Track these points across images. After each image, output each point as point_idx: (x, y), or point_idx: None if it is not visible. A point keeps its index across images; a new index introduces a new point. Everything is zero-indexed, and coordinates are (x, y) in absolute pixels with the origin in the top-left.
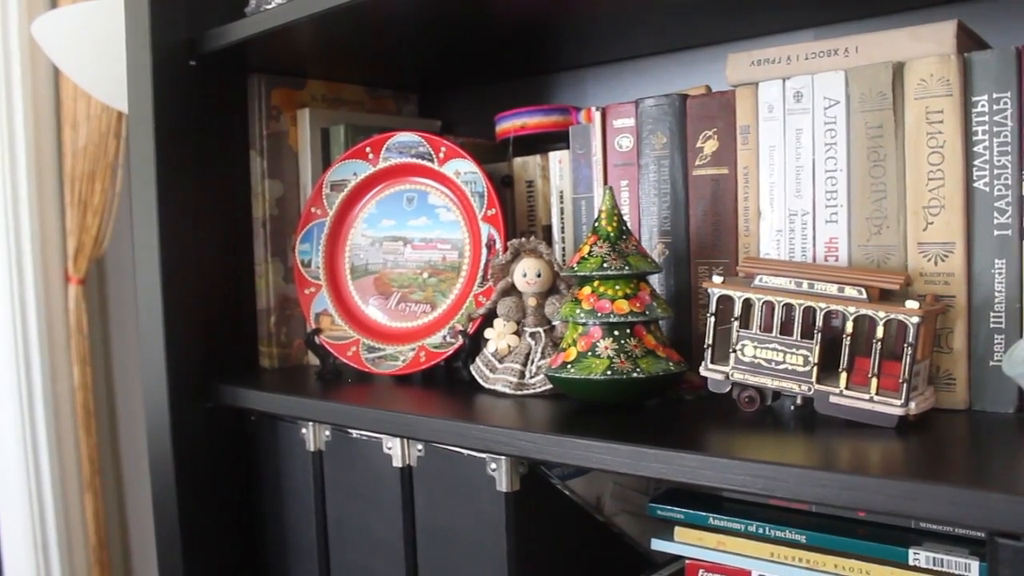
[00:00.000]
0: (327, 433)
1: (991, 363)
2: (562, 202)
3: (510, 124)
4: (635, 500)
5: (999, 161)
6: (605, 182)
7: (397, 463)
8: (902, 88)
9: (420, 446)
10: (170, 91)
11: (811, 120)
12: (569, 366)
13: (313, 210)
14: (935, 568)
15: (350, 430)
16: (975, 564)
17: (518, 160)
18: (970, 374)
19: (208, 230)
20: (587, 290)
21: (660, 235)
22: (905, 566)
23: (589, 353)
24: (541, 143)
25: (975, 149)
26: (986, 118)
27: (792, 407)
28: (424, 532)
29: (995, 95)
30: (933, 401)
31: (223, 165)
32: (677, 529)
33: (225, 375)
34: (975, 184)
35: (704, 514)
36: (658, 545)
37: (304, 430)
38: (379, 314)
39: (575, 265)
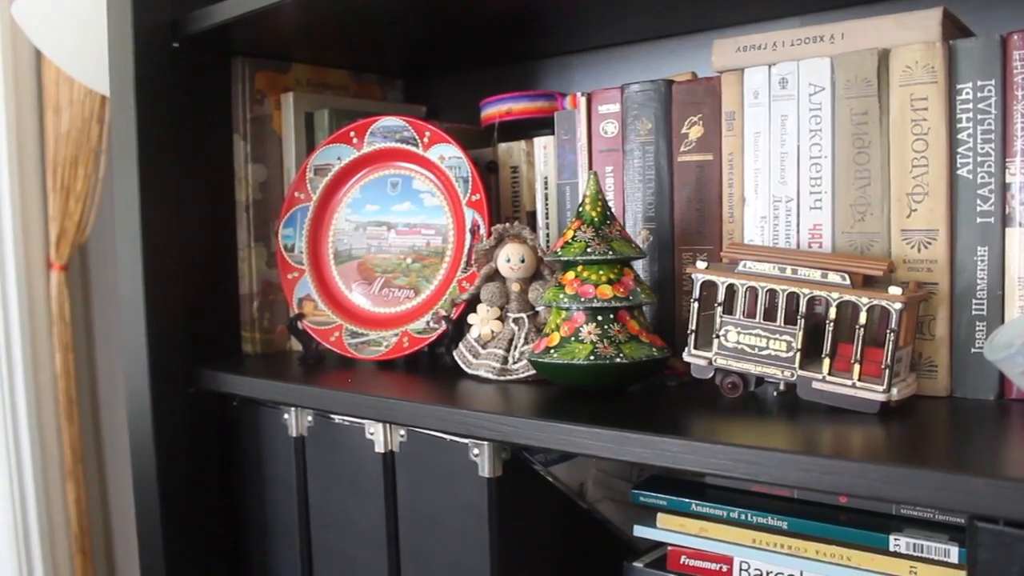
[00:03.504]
0: (309, 418)
1: (973, 350)
2: (547, 188)
3: (495, 109)
4: (618, 487)
5: (982, 149)
6: (590, 168)
7: (379, 448)
8: (887, 75)
9: (402, 431)
10: (152, 74)
11: (796, 106)
12: (552, 351)
13: (296, 195)
14: (915, 554)
15: (332, 415)
16: (954, 549)
17: (503, 146)
18: (952, 361)
19: (190, 214)
20: (571, 275)
21: (644, 221)
22: (886, 552)
23: (572, 338)
24: (526, 129)
25: (959, 136)
26: (970, 106)
27: (775, 393)
28: (406, 517)
29: (979, 83)
30: (915, 387)
31: (206, 149)
32: (659, 515)
33: (207, 360)
34: (958, 171)
35: (687, 500)
36: (640, 531)
37: (286, 415)
38: (362, 299)
39: (559, 250)
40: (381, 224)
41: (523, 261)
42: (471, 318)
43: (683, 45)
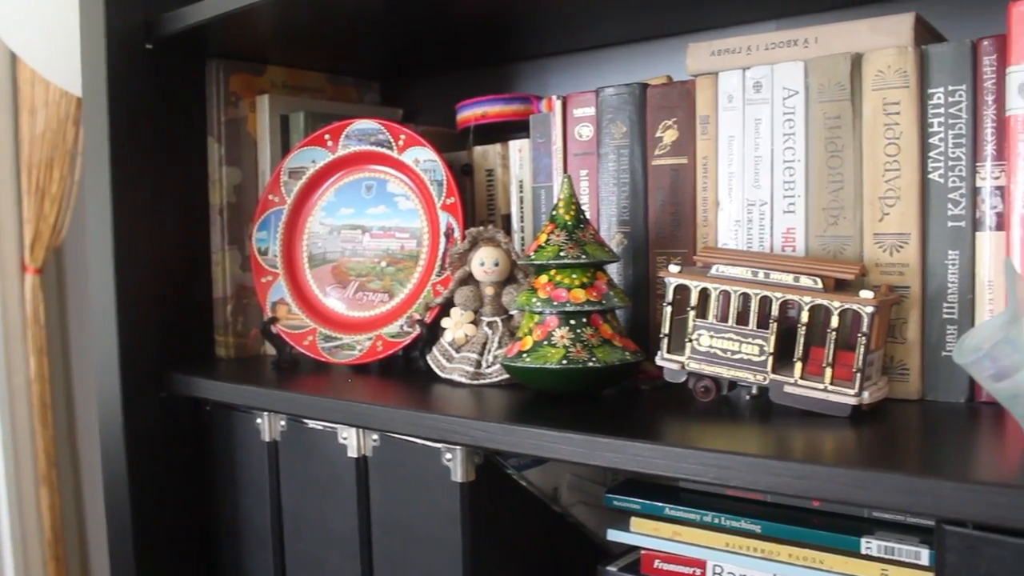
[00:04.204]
0: (282, 423)
1: (943, 353)
2: (521, 191)
3: (471, 113)
4: (592, 491)
5: (953, 153)
6: (565, 171)
7: (352, 453)
8: (860, 79)
9: (375, 436)
10: (125, 75)
11: (770, 110)
12: (525, 355)
13: (271, 197)
14: (886, 556)
15: (305, 420)
16: (925, 552)
17: (478, 149)
18: (923, 364)
19: (164, 217)
20: (544, 279)
21: (619, 225)
22: (857, 555)
23: (545, 342)
24: (502, 132)
25: (930, 141)
26: (942, 110)
27: (748, 397)
28: (379, 523)
29: (950, 87)
30: (887, 391)
31: (179, 151)
32: (633, 519)
33: (180, 365)
34: (930, 175)
35: (660, 504)
36: (614, 535)
37: (259, 420)
38: (336, 303)
39: (532, 254)
40: (355, 227)
41: (497, 265)
42: (445, 322)
43: (660, 49)
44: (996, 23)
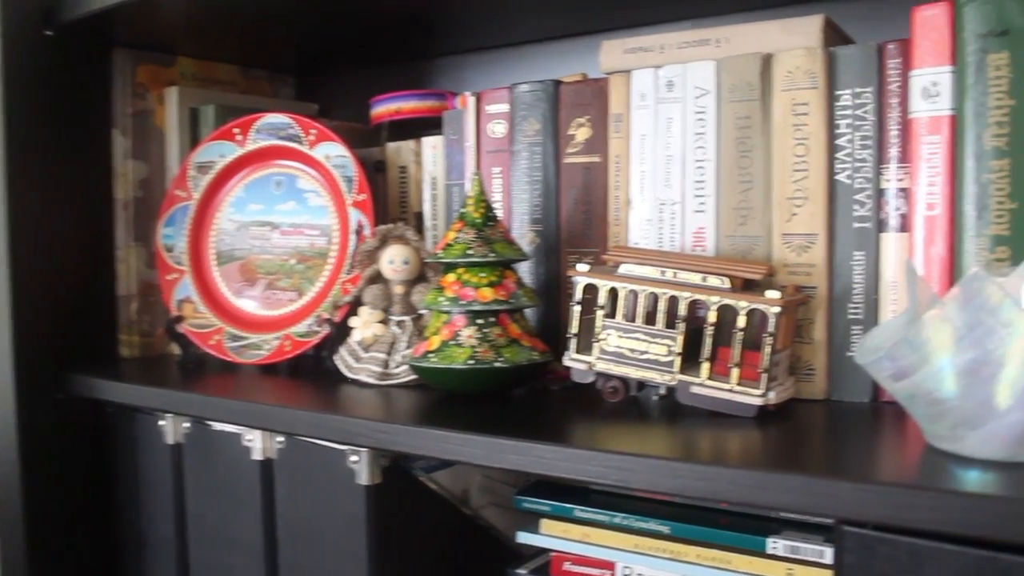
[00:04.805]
0: (186, 425)
1: (848, 353)
2: (434, 188)
3: (385, 108)
4: (503, 492)
5: (860, 155)
6: (478, 169)
7: (257, 456)
8: (770, 80)
9: (280, 438)
10: (22, 63)
11: (682, 110)
12: (431, 355)
13: (177, 192)
14: (791, 556)
15: (210, 422)
16: (828, 551)
17: (391, 145)
18: (829, 364)
19: (64, 212)
20: (451, 277)
21: (531, 223)
22: (764, 554)
23: (451, 342)
24: (418, 129)
25: (838, 142)
26: (849, 112)
27: (656, 397)
28: (284, 527)
29: (857, 90)
30: (793, 391)
31: (82, 144)
32: (543, 521)
33: (79, 365)
34: (837, 177)
35: (570, 506)
36: (524, 538)
37: (162, 422)
38: (244, 302)
39: (440, 252)
40: (265, 224)
41: (407, 263)
42: (353, 321)
43: (578, 47)
44: (902, 27)
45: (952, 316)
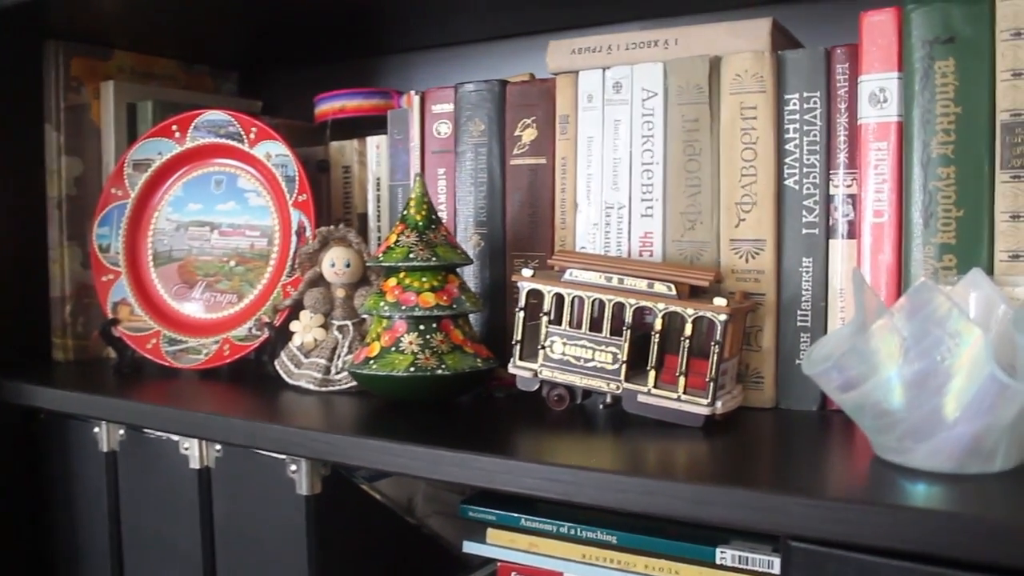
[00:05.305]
0: (121, 432)
1: (797, 361)
2: (379, 189)
3: (329, 106)
4: (449, 501)
5: (808, 160)
6: (423, 169)
7: (195, 464)
8: (718, 82)
9: (218, 447)
10: None
11: (629, 111)
12: (372, 362)
13: (113, 191)
14: (740, 566)
15: (146, 429)
16: (777, 560)
17: (335, 144)
18: (777, 372)
19: None
20: (392, 282)
21: (476, 226)
22: (713, 565)
23: (392, 348)
24: (362, 127)
25: (786, 147)
26: (797, 116)
27: (602, 406)
28: (223, 537)
29: (805, 94)
30: (741, 400)
31: (11, 139)
32: (489, 531)
33: (11, 369)
34: (786, 182)
35: (516, 516)
36: (470, 547)
37: (96, 429)
38: (182, 304)
39: (380, 255)
40: (204, 224)
41: (348, 266)
42: (293, 325)
43: (528, 46)
44: (851, 32)
45: (900, 326)
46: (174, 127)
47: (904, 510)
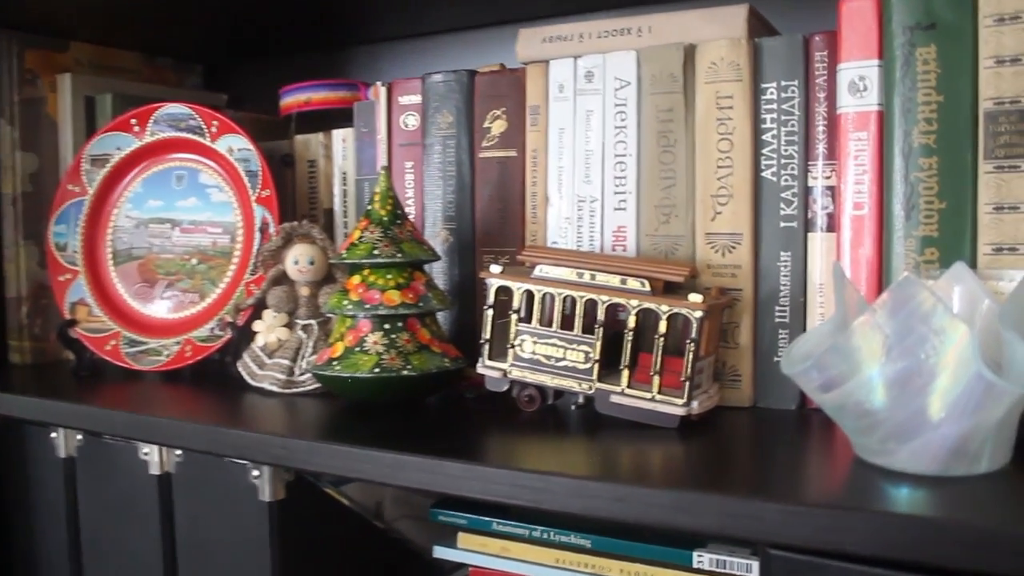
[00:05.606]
0: (79, 437)
1: (775, 359)
2: (345, 184)
3: (294, 99)
4: (419, 504)
5: (786, 151)
6: (390, 163)
7: (154, 470)
8: (693, 71)
9: (179, 452)
10: None
11: (602, 101)
12: (335, 363)
13: (70, 187)
14: (718, 570)
15: (104, 434)
16: (755, 564)
17: (300, 138)
18: (755, 370)
19: None
20: (356, 279)
21: (444, 221)
22: (689, 569)
23: (356, 349)
24: (329, 120)
25: (763, 138)
26: (774, 106)
27: (574, 407)
28: (184, 544)
29: (783, 83)
30: (717, 399)
31: None
32: (460, 535)
33: None
34: (763, 173)
35: (488, 519)
36: (440, 552)
37: (54, 434)
38: (143, 304)
39: (344, 252)
40: (165, 221)
41: (312, 263)
42: (256, 325)
43: (498, 36)
44: (829, 19)
45: (882, 323)
46: (133, 121)
47: (887, 516)
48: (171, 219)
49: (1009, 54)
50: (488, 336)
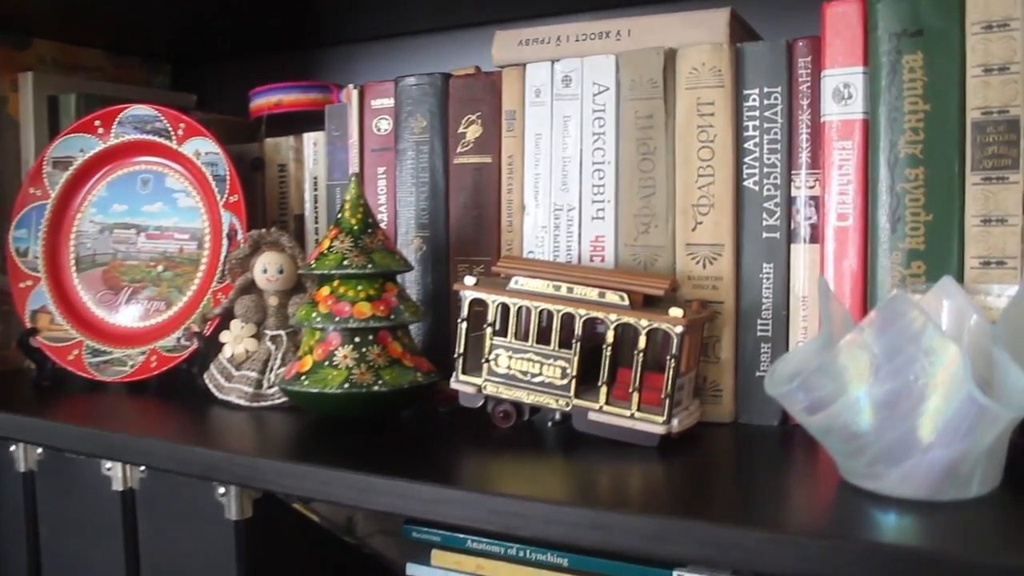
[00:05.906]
0: (40, 451)
1: (757, 373)
2: (316, 189)
3: (264, 101)
4: (391, 520)
5: (769, 159)
6: (362, 168)
7: (117, 486)
8: (674, 76)
9: (143, 467)
10: None
11: (579, 107)
12: (303, 378)
13: (32, 191)
14: None
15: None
16: None
17: (270, 141)
18: (736, 385)
19: None
20: (326, 291)
21: (418, 229)
22: None
23: (325, 363)
24: (300, 123)
25: (745, 146)
26: (757, 113)
27: (550, 423)
28: (148, 563)
29: (766, 89)
30: (698, 415)
31: None
32: (434, 552)
33: None
34: (745, 183)
35: (462, 536)
36: (413, 570)
37: (13, 448)
38: (107, 312)
39: (313, 262)
40: (130, 227)
41: (281, 272)
42: (224, 335)
43: (474, 38)
44: (813, 24)
45: (870, 343)
46: (97, 123)
47: (876, 546)
48: (136, 224)
49: (997, 62)
50: (462, 350)
